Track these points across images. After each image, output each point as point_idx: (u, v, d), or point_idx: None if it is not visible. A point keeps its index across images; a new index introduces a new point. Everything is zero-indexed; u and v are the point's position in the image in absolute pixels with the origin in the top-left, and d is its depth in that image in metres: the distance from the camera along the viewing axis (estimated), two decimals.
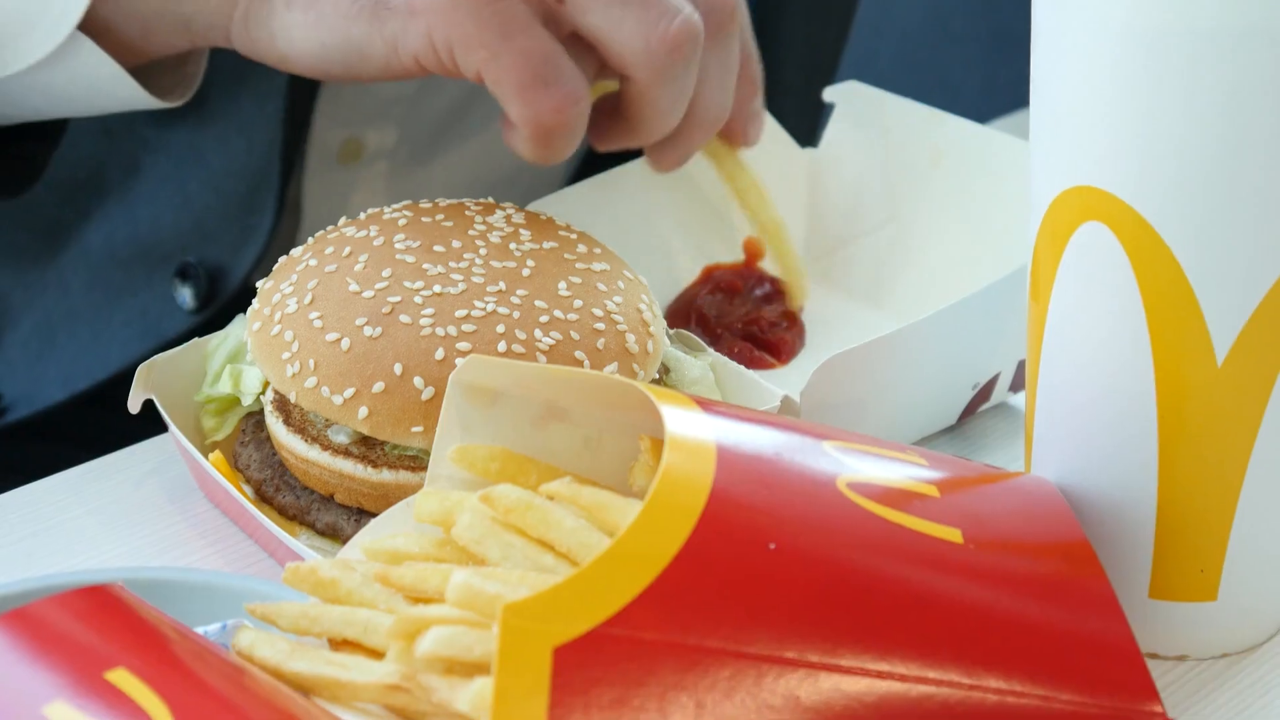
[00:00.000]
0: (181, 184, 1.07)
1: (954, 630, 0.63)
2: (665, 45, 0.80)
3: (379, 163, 1.14)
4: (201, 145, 1.06)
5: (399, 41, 0.81)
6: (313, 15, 0.82)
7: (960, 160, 1.00)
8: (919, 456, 0.70)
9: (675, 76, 0.82)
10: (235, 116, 1.05)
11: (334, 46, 0.83)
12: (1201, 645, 0.76)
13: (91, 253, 1.10)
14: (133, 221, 1.08)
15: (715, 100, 0.86)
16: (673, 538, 0.59)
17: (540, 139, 0.80)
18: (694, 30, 0.81)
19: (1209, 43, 0.66)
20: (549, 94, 0.79)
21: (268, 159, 1.04)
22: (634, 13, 0.80)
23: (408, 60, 0.81)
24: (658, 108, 0.83)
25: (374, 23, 0.81)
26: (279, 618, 0.65)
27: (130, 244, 1.08)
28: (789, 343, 0.98)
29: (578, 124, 0.80)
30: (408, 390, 0.75)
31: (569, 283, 0.79)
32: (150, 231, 1.08)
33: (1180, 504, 0.73)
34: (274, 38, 0.84)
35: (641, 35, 0.80)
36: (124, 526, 0.83)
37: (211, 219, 1.07)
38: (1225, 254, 0.69)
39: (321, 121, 1.09)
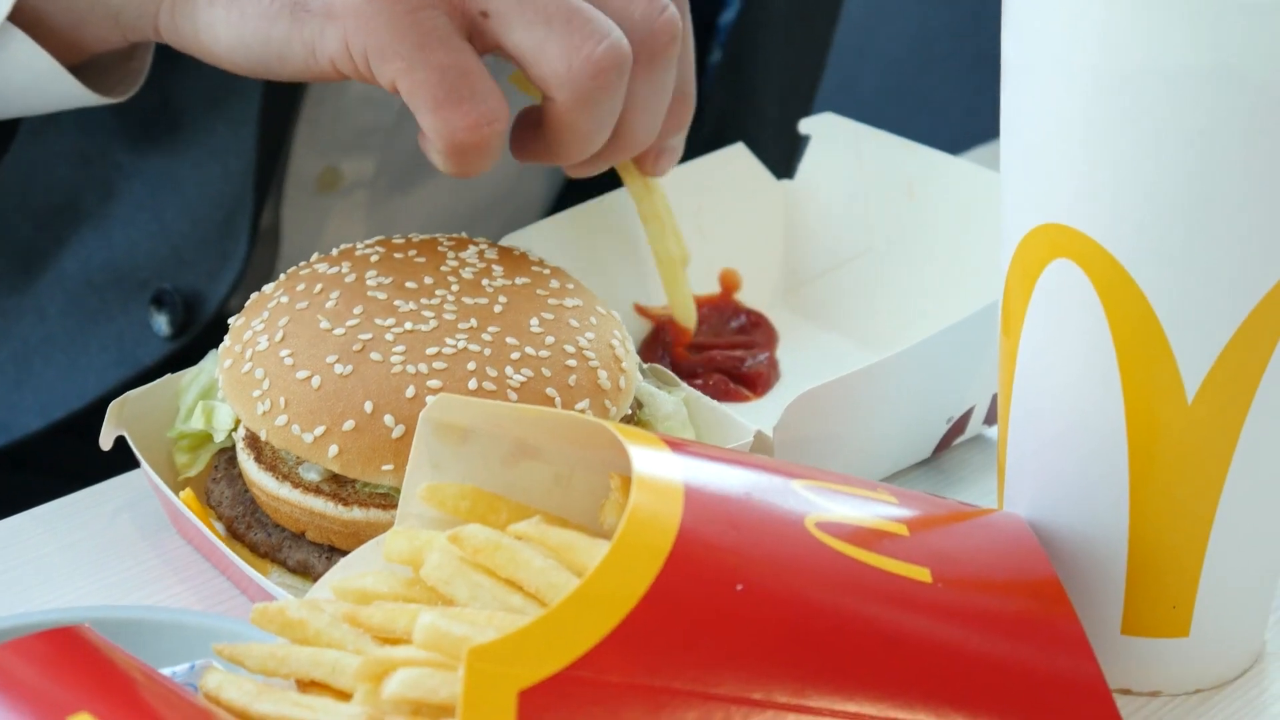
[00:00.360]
0: (157, 211, 1.07)
1: (922, 670, 0.63)
2: (588, 69, 0.79)
3: (358, 192, 1.14)
4: (177, 172, 1.06)
5: (316, 45, 0.80)
6: (235, 13, 0.81)
7: (935, 192, 1.00)
8: (889, 494, 0.70)
9: (597, 102, 0.80)
10: (210, 143, 1.05)
11: (254, 45, 0.81)
12: (1174, 681, 0.76)
13: (67, 279, 1.09)
14: (109, 248, 1.08)
15: (642, 125, 0.84)
16: (639, 579, 0.59)
17: (453, 156, 0.79)
18: (620, 56, 0.79)
19: (1178, 82, 0.66)
20: (463, 112, 0.77)
21: (243, 185, 1.04)
22: (558, 34, 0.78)
23: (325, 64, 0.80)
24: (578, 131, 0.81)
25: (293, 24, 0.80)
26: (246, 658, 0.65)
27: (106, 270, 1.08)
28: (764, 375, 0.98)
29: (494, 143, 0.79)
30: (378, 428, 0.75)
31: (541, 319, 0.79)
32: (126, 258, 1.08)
33: (1152, 541, 0.73)
34: (198, 32, 0.83)
35: (564, 58, 0.78)
36: (96, 563, 0.83)
37: (187, 246, 1.07)
38: (1195, 292, 0.69)
39: (299, 150, 1.09)
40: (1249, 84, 0.66)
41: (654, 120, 0.85)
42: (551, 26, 0.78)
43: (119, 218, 1.08)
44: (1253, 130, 0.67)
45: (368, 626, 0.65)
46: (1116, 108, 0.67)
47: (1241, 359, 0.69)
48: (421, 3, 0.77)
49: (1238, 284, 0.68)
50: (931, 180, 1.00)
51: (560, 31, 0.78)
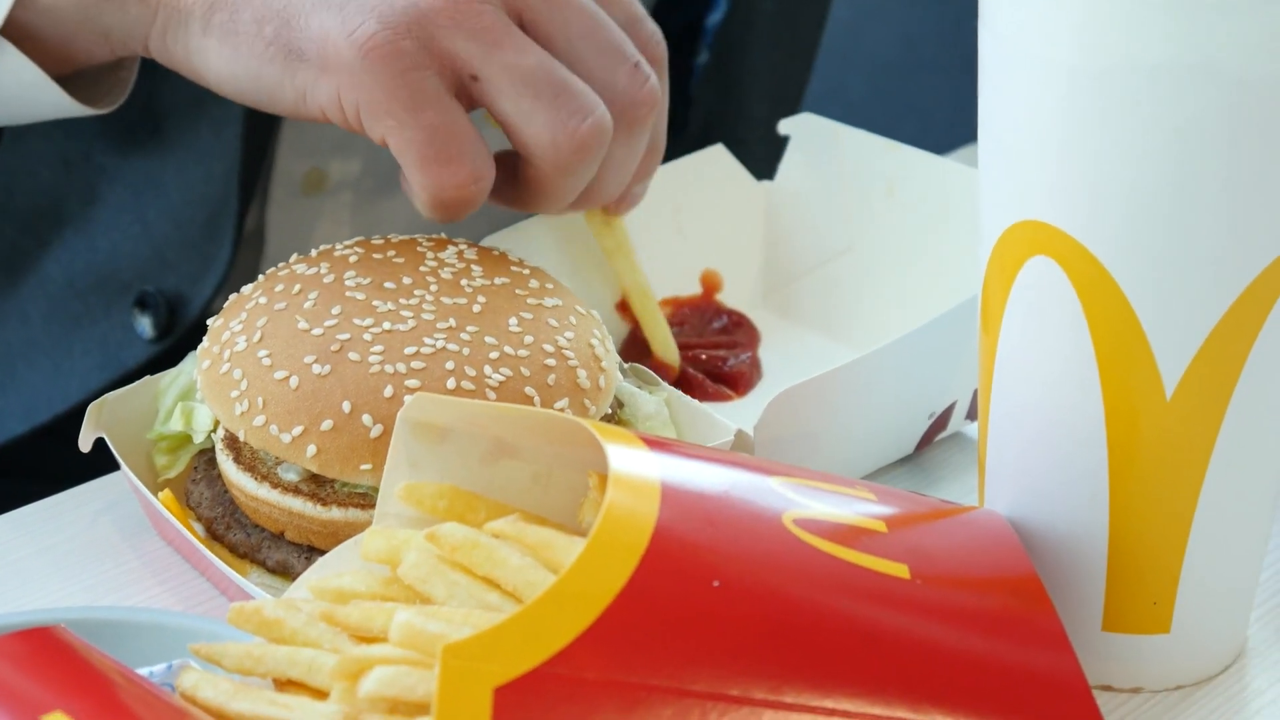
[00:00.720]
0: (140, 214, 1.07)
1: (900, 666, 0.63)
2: (572, 145, 0.80)
3: (343, 193, 1.13)
4: (160, 175, 1.06)
5: (307, 93, 0.81)
6: (228, 49, 0.82)
7: (915, 190, 1.00)
8: (868, 491, 0.70)
9: (576, 171, 0.82)
10: (194, 145, 1.05)
11: (246, 81, 0.82)
12: (1155, 677, 0.76)
13: (50, 283, 1.09)
14: (92, 251, 1.08)
15: (614, 182, 0.86)
16: (615, 576, 0.59)
17: (437, 209, 0.81)
18: (602, 132, 0.81)
19: (1156, 79, 0.66)
20: (450, 171, 0.79)
21: (226, 188, 1.04)
22: (544, 109, 0.80)
23: (315, 111, 0.81)
24: (556, 193, 0.83)
25: (285, 69, 0.81)
26: (223, 658, 0.64)
27: (89, 274, 1.08)
28: (747, 375, 0.98)
29: (477, 199, 0.81)
30: (356, 428, 0.75)
31: (520, 319, 0.79)
32: (109, 261, 1.08)
33: (1132, 537, 0.73)
34: (189, 55, 0.84)
35: (549, 132, 0.80)
36: (76, 565, 0.82)
37: (171, 248, 1.07)
38: (1173, 289, 0.69)
39: (284, 152, 1.09)
40: (1227, 80, 0.66)
41: (625, 177, 0.87)
42: (539, 100, 0.80)
43: (102, 221, 1.07)
44: (1231, 126, 0.67)
45: (345, 625, 0.64)
46: (1094, 104, 0.67)
47: (1220, 355, 0.69)
48: (414, 63, 0.78)
49: (1216, 280, 0.68)
50: (911, 179, 1.00)
51: (547, 105, 0.80)
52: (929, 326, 0.85)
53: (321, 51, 0.79)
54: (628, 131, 0.84)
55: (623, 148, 0.85)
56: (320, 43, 0.79)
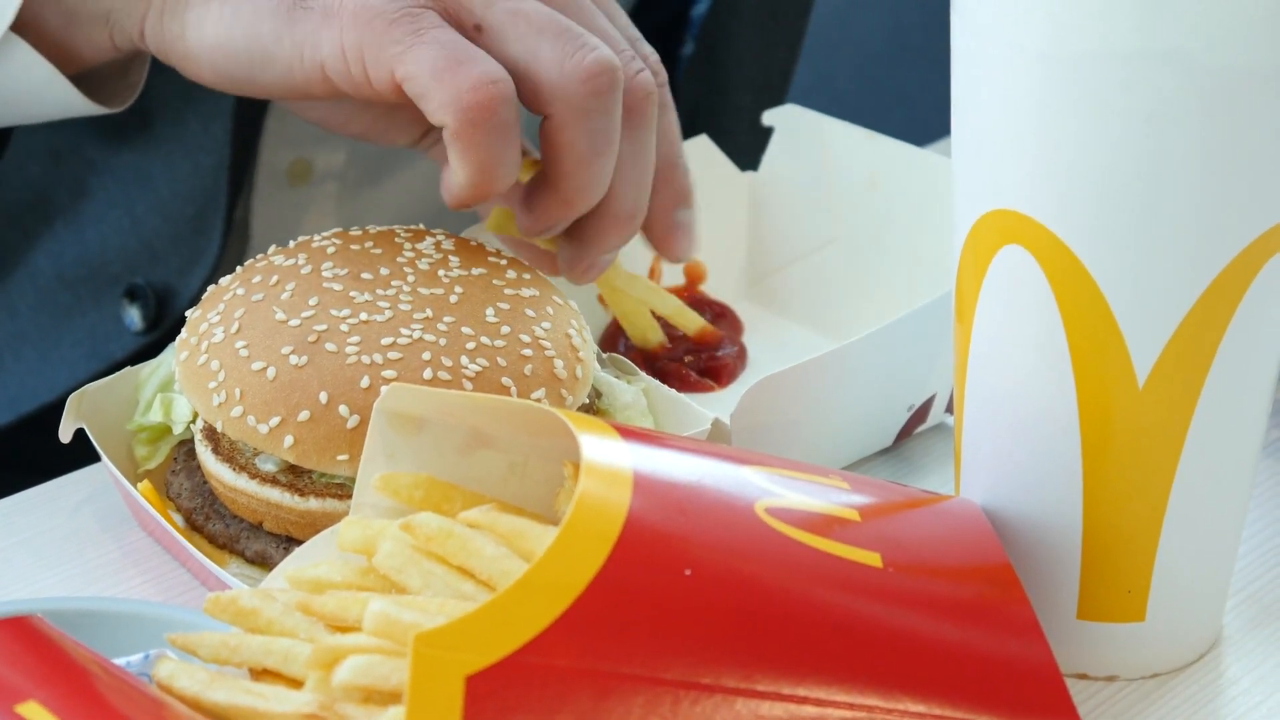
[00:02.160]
0: (129, 207, 1.07)
1: (872, 654, 0.63)
2: (581, 74, 0.80)
3: (328, 183, 1.14)
4: (148, 168, 1.06)
5: (306, 47, 0.80)
6: (229, 8, 0.82)
7: (897, 182, 1.00)
8: (842, 481, 0.71)
9: (592, 113, 0.81)
10: (182, 139, 1.05)
11: (241, 43, 0.82)
12: (1131, 666, 0.76)
13: (39, 275, 1.09)
14: (80, 244, 1.08)
15: (628, 188, 0.85)
16: (587, 565, 0.59)
17: (467, 134, 0.78)
18: (610, 64, 0.81)
19: (1126, 66, 0.67)
20: (464, 70, 0.78)
21: (215, 181, 1.04)
22: (549, 41, 0.80)
23: (312, 68, 0.80)
24: (577, 150, 0.82)
25: (286, 21, 0.81)
26: (199, 648, 0.65)
27: (78, 266, 1.08)
28: (730, 366, 0.98)
29: (502, 109, 0.78)
30: (333, 418, 0.75)
31: (496, 309, 0.79)
32: (98, 254, 1.08)
33: (1106, 526, 0.73)
34: (185, 29, 0.84)
35: (557, 64, 0.80)
36: (56, 556, 0.83)
37: (159, 241, 1.07)
38: (1144, 277, 0.69)
39: (269, 142, 1.09)
40: (1199, 67, 0.66)
41: (640, 188, 0.85)
42: (543, 36, 0.80)
43: (91, 214, 1.08)
44: (1202, 114, 0.67)
45: (320, 615, 0.65)
46: (1066, 92, 0.68)
47: (1191, 343, 0.70)
48: (419, 3, 0.79)
49: (1187, 268, 0.69)
50: (894, 170, 1.01)
51: (550, 40, 0.80)
52: (908, 318, 0.85)
53: (327, 1, 0.79)
54: (628, 120, 0.83)
55: (627, 142, 0.84)
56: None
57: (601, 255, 0.88)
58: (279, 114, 1.08)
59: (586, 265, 0.88)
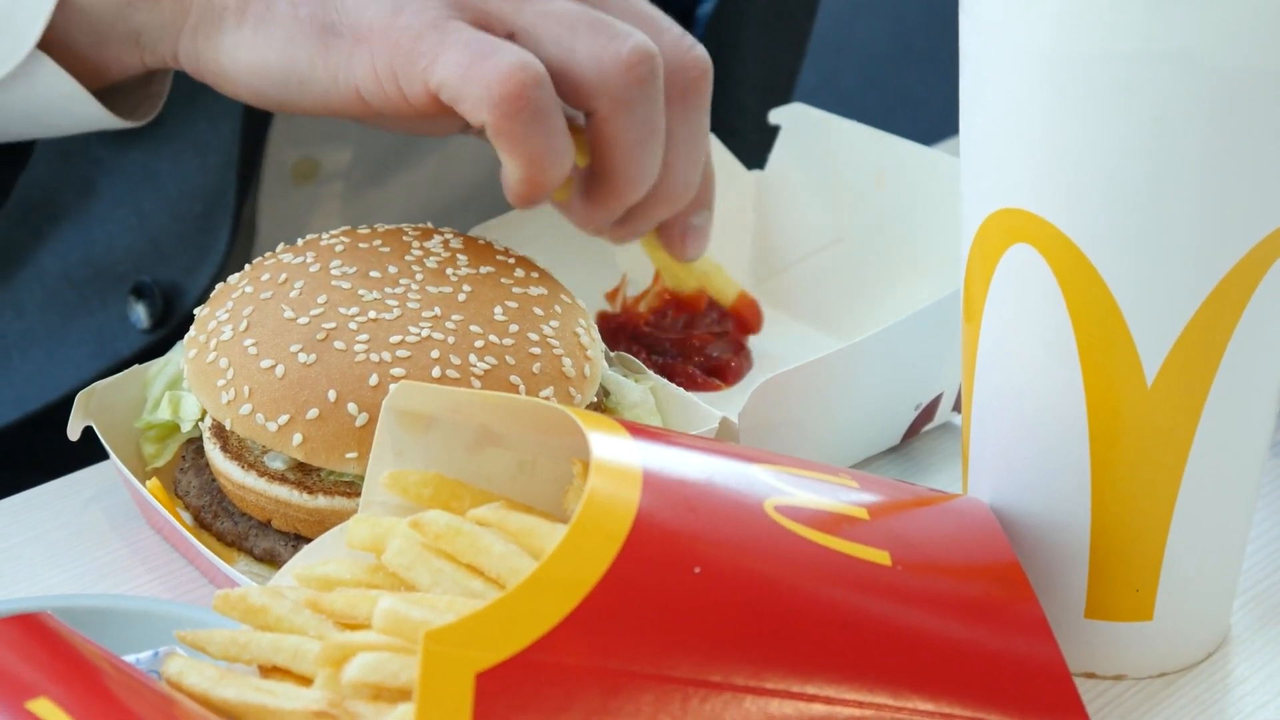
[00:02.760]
0: (136, 205, 1.07)
1: (881, 652, 0.63)
2: (619, 65, 0.80)
3: (335, 183, 1.14)
4: (156, 166, 1.06)
5: (340, 71, 0.81)
6: (262, 34, 0.83)
7: (904, 180, 1.00)
8: (850, 479, 0.71)
9: (635, 103, 0.81)
10: (190, 137, 1.05)
11: (276, 68, 0.83)
12: (1139, 665, 0.76)
13: (46, 274, 1.10)
14: (88, 243, 1.08)
15: (681, 167, 0.85)
16: (597, 562, 0.60)
17: (506, 127, 0.78)
18: (648, 51, 0.81)
19: (1134, 66, 0.67)
20: (491, 63, 0.78)
21: (222, 179, 1.05)
22: (584, 38, 0.80)
23: (347, 91, 0.81)
24: (624, 142, 0.82)
25: (320, 47, 0.81)
26: (209, 645, 0.65)
27: (85, 265, 1.09)
28: (736, 365, 0.98)
29: (535, 93, 0.78)
30: (341, 416, 0.75)
31: (505, 307, 0.80)
32: (105, 253, 1.08)
33: (1114, 524, 0.73)
34: (219, 53, 0.85)
35: (594, 57, 0.80)
36: (65, 553, 0.83)
37: (167, 239, 1.07)
38: (1152, 276, 0.69)
39: (276, 140, 1.10)
40: (1205, 68, 0.66)
41: (693, 165, 0.85)
42: (577, 33, 0.80)
43: (98, 213, 1.08)
44: (1209, 114, 0.67)
45: (329, 612, 0.65)
46: (1073, 93, 0.68)
47: (1200, 342, 0.70)
48: (449, 15, 0.79)
49: (1195, 268, 0.69)
50: (900, 169, 1.01)
51: (585, 36, 0.80)
52: (915, 318, 0.85)
53: (356, 25, 0.80)
54: (681, 100, 0.83)
55: (680, 123, 0.83)
56: (355, 16, 0.80)
57: (646, 227, 0.88)
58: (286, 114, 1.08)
59: (631, 232, 0.88)
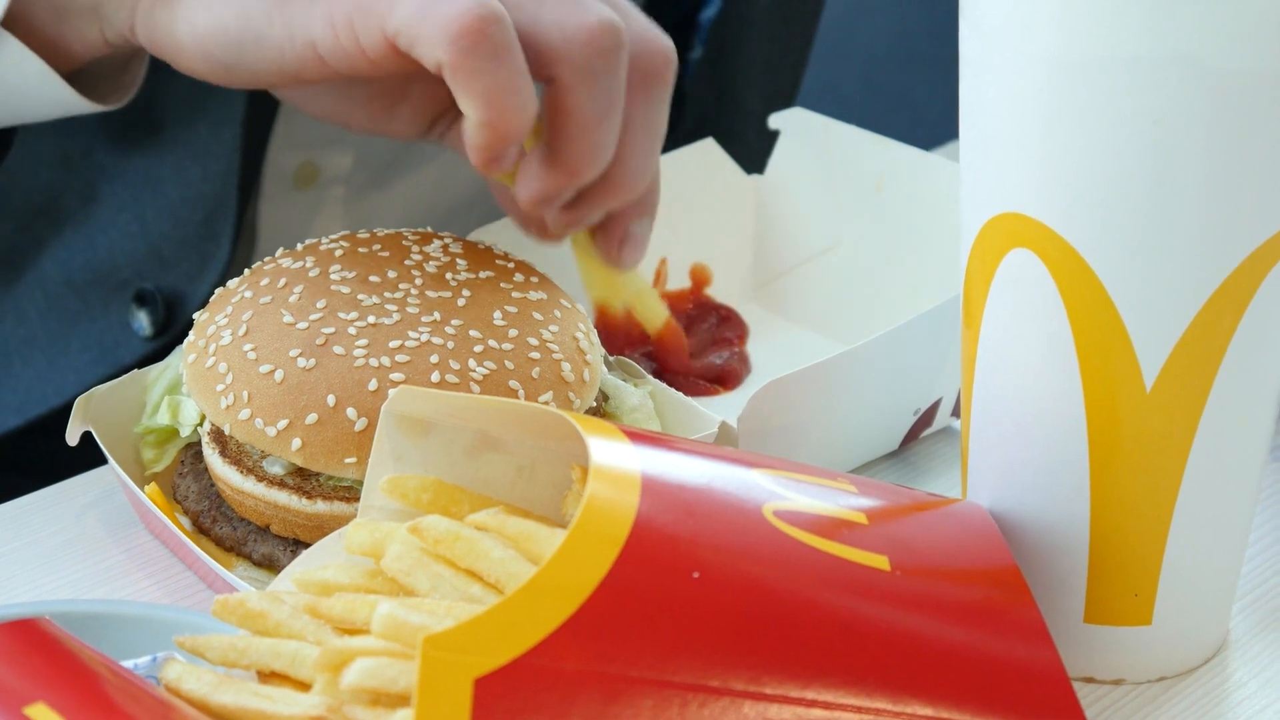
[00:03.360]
0: (138, 212, 1.07)
1: (881, 657, 0.63)
2: (584, 33, 0.79)
3: (335, 187, 1.14)
4: (158, 173, 1.06)
5: (296, 26, 0.80)
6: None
7: (904, 185, 1.00)
8: (850, 484, 0.71)
9: (597, 74, 0.80)
10: (192, 144, 1.05)
11: (233, 29, 0.82)
12: (1138, 669, 0.76)
13: (48, 281, 1.10)
14: (90, 249, 1.08)
15: (638, 154, 0.84)
16: (596, 567, 0.59)
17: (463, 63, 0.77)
18: (614, 26, 0.80)
19: (1134, 71, 0.67)
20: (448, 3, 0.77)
21: (224, 186, 1.05)
22: (551, 8, 0.80)
23: (304, 47, 0.80)
24: (583, 113, 0.81)
25: (277, 3, 0.81)
26: (208, 650, 0.65)
27: (87, 271, 1.09)
28: (735, 370, 0.98)
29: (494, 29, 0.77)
30: (340, 421, 0.75)
31: (504, 312, 0.80)
32: (107, 259, 1.08)
33: (1113, 529, 0.73)
34: (175, 21, 0.84)
35: (559, 24, 0.80)
36: (63, 559, 0.83)
37: (169, 246, 1.07)
38: (1151, 281, 0.69)
39: (277, 145, 1.10)
40: (1206, 72, 0.66)
41: (648, 155, 0.84)
42: (544, 3, 0.80)
43: (100, 219, 1.08)
44: (1209, 118, 0.67)
45: (328, 618, 0.65)
46: (1073, 97, 0.68)
47: (1199, 347, 0.70)
48: None
49: (1194, 272, 0.69)
50: (900, 174, 1.01)
51: (553, 3, 0.80)
52: (914, 323, 0.85)
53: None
54: (643, 88, 0.83)
55: (641, 107, 0.83)
56: None
57: (594, 215, 0.86)
58: (287, 117, 1.08)
59: (576, 219, 0.86)
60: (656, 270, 1.01)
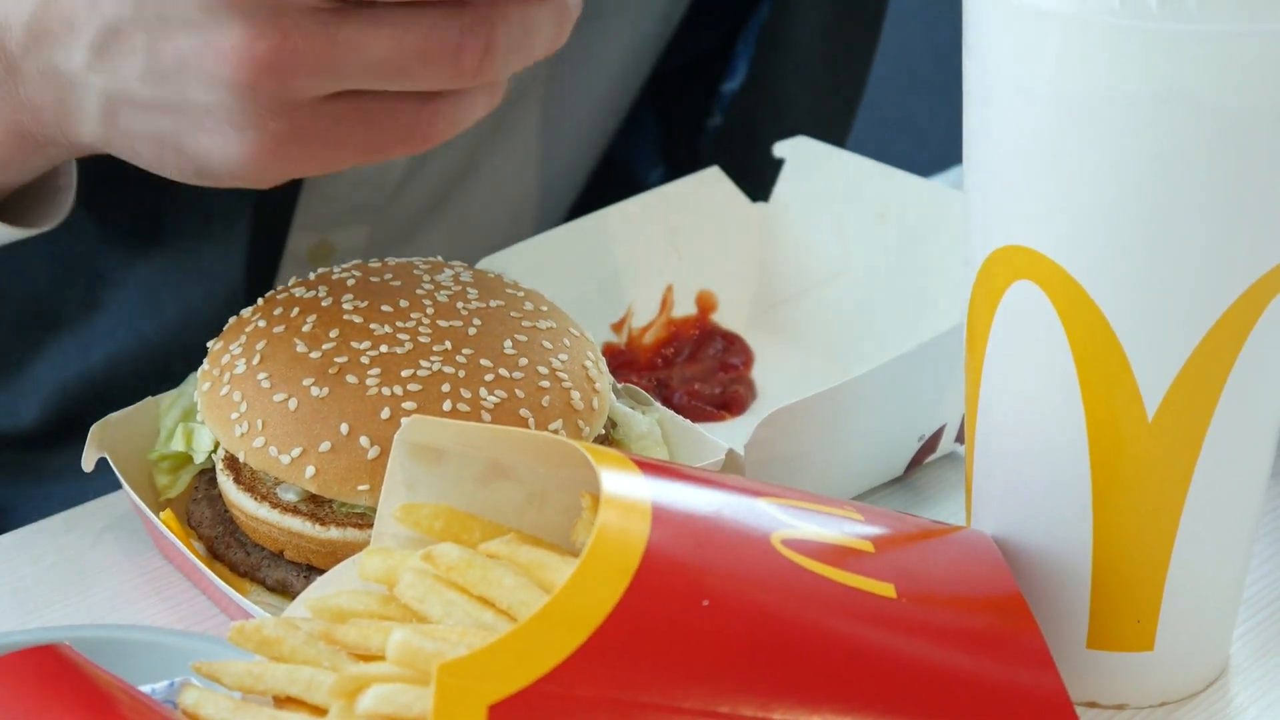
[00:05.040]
0: (136, 326, 1.06)
1: (887, 684, 0.64)
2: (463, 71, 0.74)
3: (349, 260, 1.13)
4: (160, 289, 1.05)
5: None
6: None
7: (908, 214, 1.01)
8: (856, 512, 0.72)
9: None
10: (197, 265, 1.04)
11: None
12: (1140, 694, 0.77)
13: (42, 385, 1.08)
14: (85, 359, 1.07)
15: None
16: (607, 595, 0.60)
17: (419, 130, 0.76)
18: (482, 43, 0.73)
19: (1135, 107, 0.68)
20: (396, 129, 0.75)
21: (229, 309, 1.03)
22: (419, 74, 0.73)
23: None
24: None
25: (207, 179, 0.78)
26: (224, 676, 0.66)
27: (81, 382, 1.08)
28: (740, 396, 0.99)
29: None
30: (354, 449, 0.76)
31: (514, 341, 0.81)
32: (104, 371, 1.07)
33: (1115, 556, 0.74)
34: None
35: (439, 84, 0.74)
36: (78, 583, 0.84)
37: (171, 360, 1.05)
38: (1153, 312, 0.70)
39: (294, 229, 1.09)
40: (1205, 109, 0.67)
41: None
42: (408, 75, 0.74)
43: (100, 330, 1.06)
44: (1209, 154, 0.68)
45: (343, 644, 0.66)
46: (1074, 132, 0.69)
47: (1200, 377, 0.71)
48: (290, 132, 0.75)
49: (1195, 304, 0.70)
50: (904, 203, 1.02)
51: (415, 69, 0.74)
52: (918, 350, 0.86)
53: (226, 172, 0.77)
54: None
55: None
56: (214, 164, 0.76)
57: None
58: (305, 200, 1.07)
59: None
60: (663, 297, 1.02)
